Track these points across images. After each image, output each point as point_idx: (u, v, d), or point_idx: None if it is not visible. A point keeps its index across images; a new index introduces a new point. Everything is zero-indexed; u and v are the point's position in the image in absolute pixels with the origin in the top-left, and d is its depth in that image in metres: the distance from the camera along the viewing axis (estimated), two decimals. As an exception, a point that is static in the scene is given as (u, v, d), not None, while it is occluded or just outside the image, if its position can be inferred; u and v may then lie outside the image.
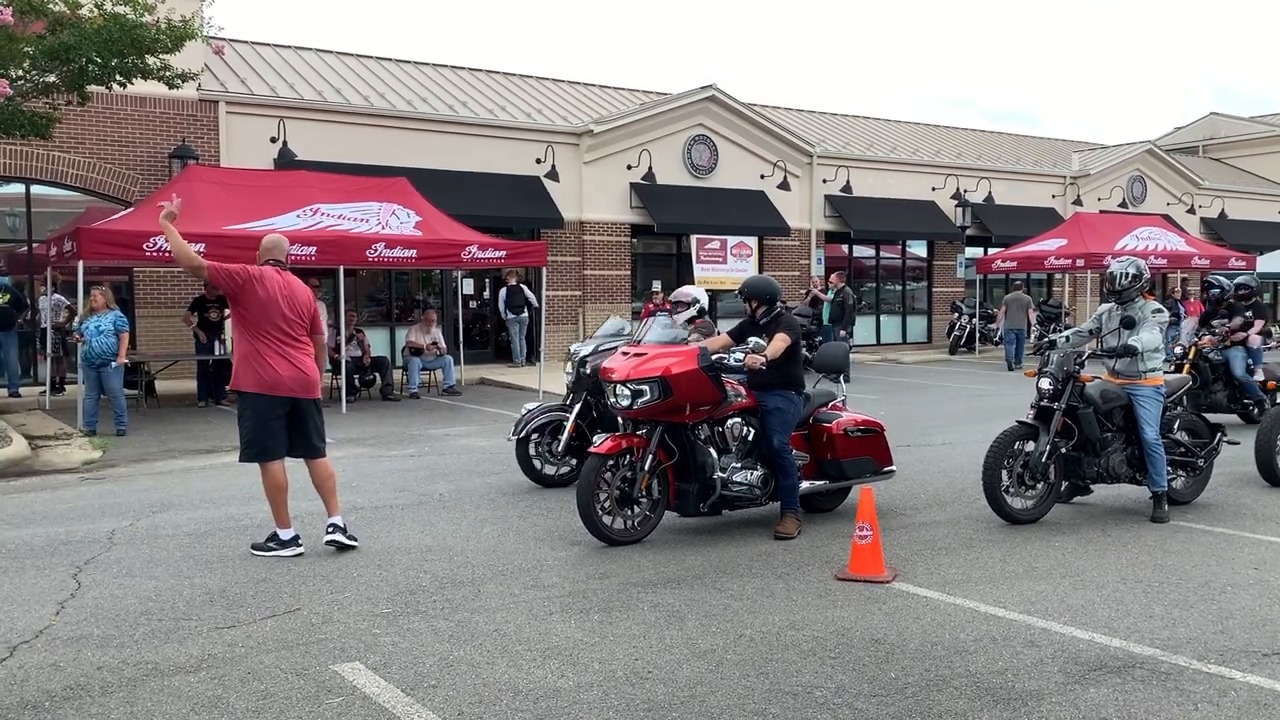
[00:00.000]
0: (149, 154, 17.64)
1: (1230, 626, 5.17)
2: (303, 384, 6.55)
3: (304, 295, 6.72)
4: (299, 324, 6.62)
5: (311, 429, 6.67)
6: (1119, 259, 7.98)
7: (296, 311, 6.59)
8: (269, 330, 6.46)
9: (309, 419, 6.65)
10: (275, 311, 6.47)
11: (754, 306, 7.28)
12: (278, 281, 6.56)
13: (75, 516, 7.87)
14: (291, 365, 6.50)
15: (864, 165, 26.34)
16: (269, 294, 6.46)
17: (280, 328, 6.49)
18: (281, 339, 6.49)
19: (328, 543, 6.62)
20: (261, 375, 6.44)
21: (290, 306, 6.56)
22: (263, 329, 6.46)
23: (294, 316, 6.58)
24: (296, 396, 6.54)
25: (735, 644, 4.93)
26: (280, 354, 6.47)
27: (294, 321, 6.58)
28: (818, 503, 7.76)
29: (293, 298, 6.59)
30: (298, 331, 6.60)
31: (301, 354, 6.59)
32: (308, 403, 6.62)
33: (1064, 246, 23.56)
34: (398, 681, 4.46)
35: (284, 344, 6.50)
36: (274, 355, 6.46)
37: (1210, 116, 39.60)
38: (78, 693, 4.36)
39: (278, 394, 6.48)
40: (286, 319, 6.52)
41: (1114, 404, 7.60)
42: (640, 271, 23.30)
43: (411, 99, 21.05)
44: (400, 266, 15.97)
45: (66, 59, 12.34)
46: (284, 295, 6.54)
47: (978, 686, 4.40)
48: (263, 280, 6.48)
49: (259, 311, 6.45)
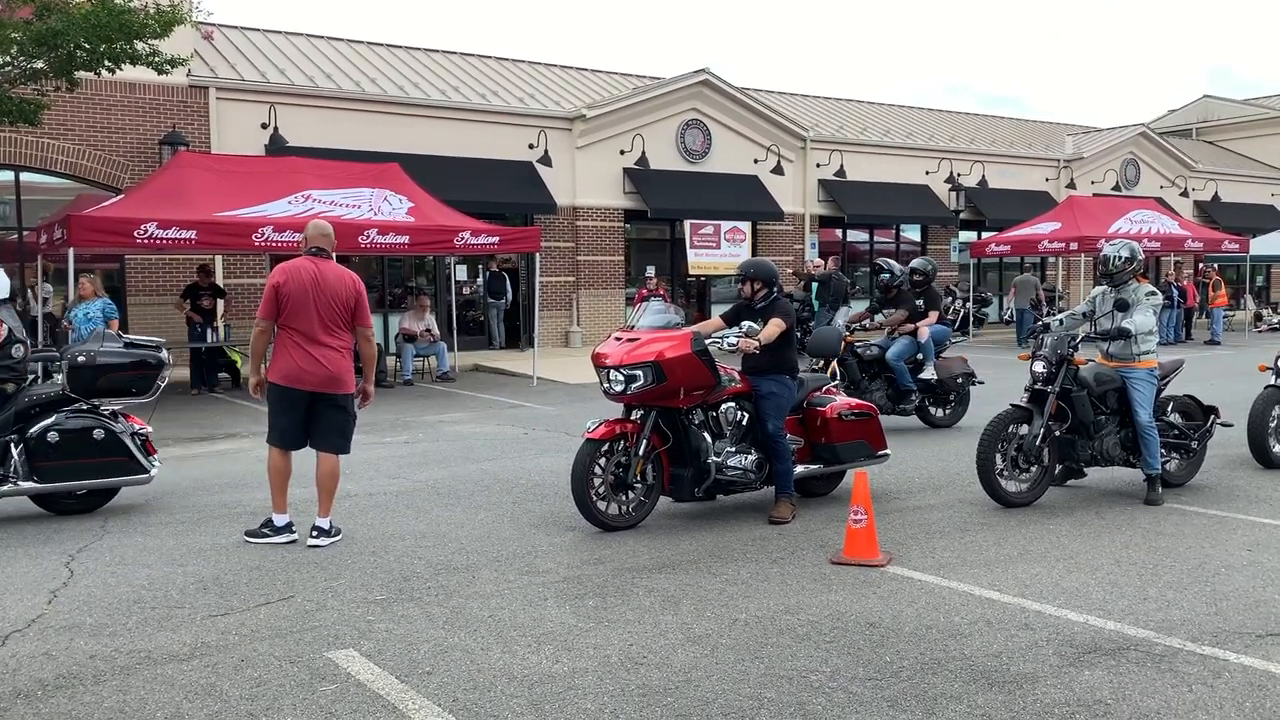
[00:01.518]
0: (139, 141, 17.54)
1: (1224, 608, 5.17)
2: (321, 380, 6.43)
3: (340, 286, 6.53)
4: (331, 317, 6.48)
5: (329, 426, 6.55)
6: (1112, 242, 7.96)
7: (328, 305, 6.46)
8: (293, 325, 6.41)
9: (325, 415, 6.53)
10: (300, 308, 6.39)
11: (754, 288, 7.24)
12: (308, 275, 6.44)
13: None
14: (312, 360, 6.40)
15: (858, 149, 26.30)
16: (293, 293, 6.38)
17: (306, 323, 6.41)
18: (305, 334, 6.41)
19: (310, 547, 6.42)
20: (282, 367, 6.44)
21: (320, 301, 6.43)
22: (289, 324, 6.42)
23: (324, 311, 6.45)
24: (314, 391, 6.45)
25: (730, 628, 4.92)
26: (301, 348, 6.40)
27: (324, 316, 6.45)
28: (812, 487, 7.76)
29: (325, 290, 6.45)
30: (329, 325, 6.46)
31: (325, 349, 6.44)
32: (326, 399, 6.49)
33: (1057, 230, 23.56)
34: (392, 668, 4.45)
35: (307, 338, 6.41)
36: (295, 349, 6.40)
37: (1203, 99, 39.59)
38: (70, 681, 4.34)
39: (295, 387, 6.42)
40: (314, 314, 6.42)
41: (1108, 387, 7.60)
42: (634, 257, 23.27)
43: (403, 84, 20.94)
44: (393, 253, 15.90)
45: (54, 45, 12.25)
46: (313, 290, 6.42)
47: (972, 669, 4.40)
48: (286, 282, 6.39)
49: (286, 310, 6.41)
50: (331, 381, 6.47)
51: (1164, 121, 39.04)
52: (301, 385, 6.42)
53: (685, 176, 23.12)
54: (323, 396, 6.49)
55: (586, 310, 22.32)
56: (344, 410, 6.60)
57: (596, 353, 6.92)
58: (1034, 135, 32.74)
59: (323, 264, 6.55)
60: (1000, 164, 28.92)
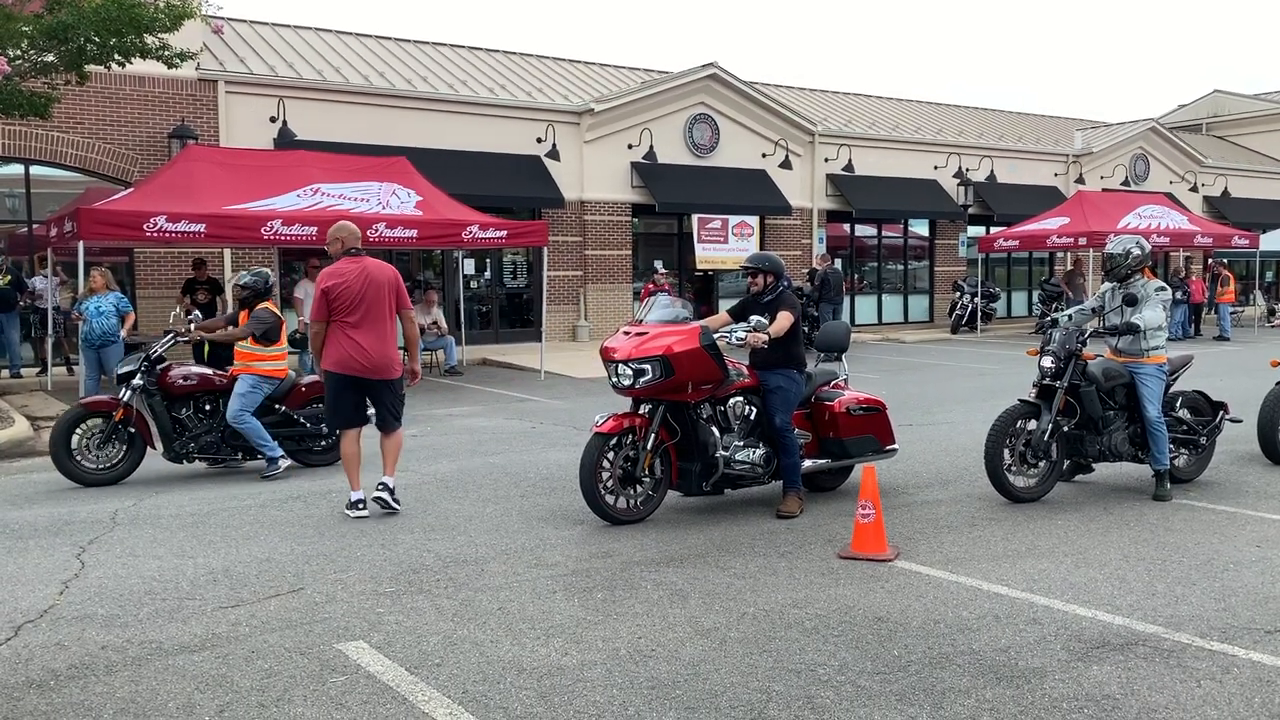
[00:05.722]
0: (148, 134, 17.57)
1: (1233, 604, 5.17)
2: (373, 366, 7.07)
3: (381, 277, 7.13)
4: (377, 308, 7.05)
5: (386, 408, 7.25)
6: (1118, 237, 7.93)
7: (376, 297, 7.05)
8: (343, 318, 7.00)
9: (382, 397, 7.21)
10: (350, 305, 6.99)
11: (763, 280, 7.23)
12: (354, 274, 7.03)
13: (78, 496, 7.88)
14: (360, 348, 7.01)
15: (866, 144, 26.24)
16: (341, 294, 6.98)
17: (355, 316, 6.99)
18: (354, 326, 7.00)
19: (374, 499, 7.14)
20: (335, 355, 7.03)
21: (369, 295, 7.02)
22: (339, 318, 7.01)
23: (373, 304, 7.03)
24: (366, 377, 7.07)
25: (738, 622, 4.93)
26: (351, 339, 7.00)
27: (372, 308, 7.03)
28: (820, 481, 7.77)
29: (372, 285, 7.05)
30: (375, 316, 7.05)
31: (373, 337, 7.04)
32: (379, 383, 7.14)
33: (1066, 225, 23.50)
34: (401, 660, 4.47)
35: (356, 329, 7.00)
36: (346, 340, 7.00)
37: (1213, 94, 39.39)
38: (82, 672, 4.37)
39: (346, 373, 7.03)
40: (363, 308, 7.00)
41: (1116, 382, 7.58)
42: (641, 251, 23.25)
43: (411, 78, 20.95)
44: (401, 246, 15.91)
45: (65, 38, 12.27)
46: (361, 287, 7.00)
47: (980, 664, 4.40)
48: (334, 286, 6.99)
49: (336, 309, 7.01)
50: (382, 368, 7.11)
51: (1174, 116, 38.84)
52: (352, 370, 7.03)
53: (693, 171, 23.09)
54: (377, 383, 7.13)
55: (594, 304, 22.32)
56: (395, 392, 7.32)
57: (605, 347, 6.92)
58: (1043, 130, 32.62)
59: (363, 261, 7.16)
60: (1009, 159, 28.83)
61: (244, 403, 8.58)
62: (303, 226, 13.34)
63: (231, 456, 8.84)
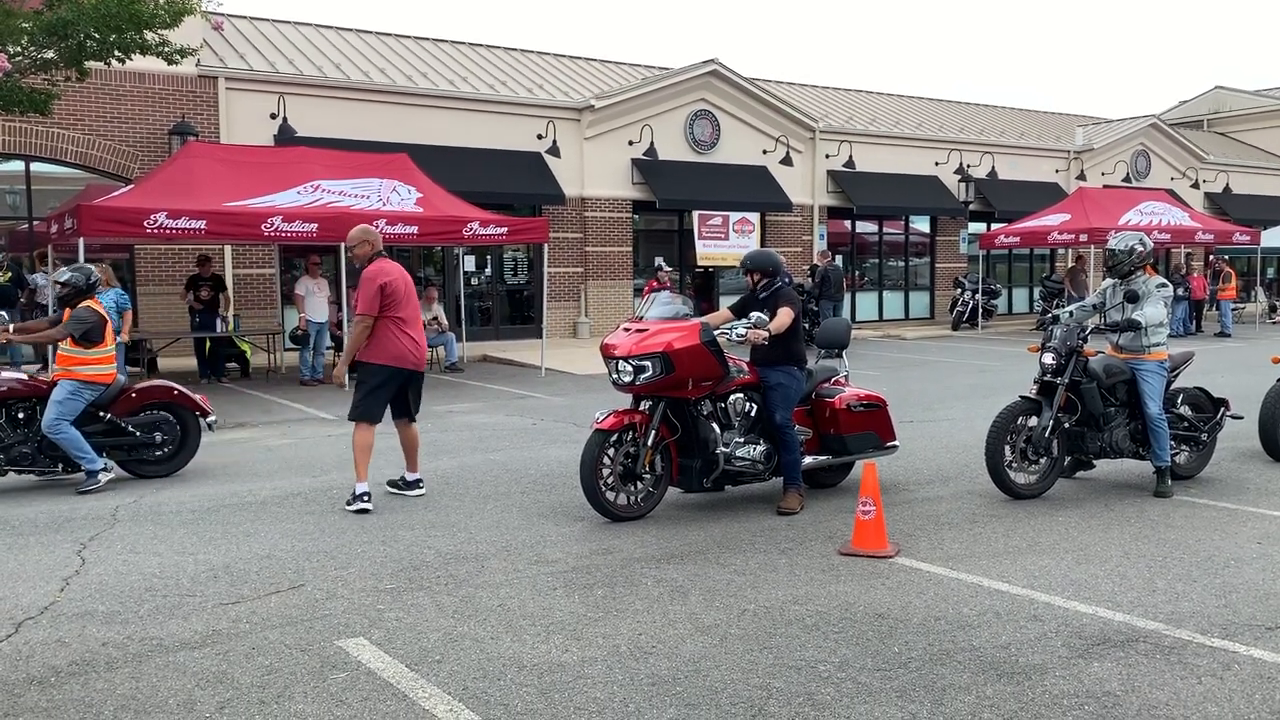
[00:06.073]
0: (148, 131, 17.56)
1: (1234, 600, 5.17)
2: (422, 359, 7.46)
3: (409, 277, 7.53)
4: (415, 304, 7.44)
5: (417, 397, 7.56)
6: (1121, 233, 7.93)
7: (408, 292, 7.37)
8: (396, 314, 7.23)
9: (417, 389, 7.53)
10: (401, 300, 7.27)
11: (755, 279, 7.26)
12: (398, 271, 7.35)
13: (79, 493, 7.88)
14: (414, 342, 7.33)
15: (867, 140, 26.22)
16: (397, 289, 7.23)
17: (406, 310, 7.28)
18: (407, 320, 7.29)
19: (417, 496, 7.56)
20: (392, 350, 7.23)
21: (409, 291, 7.37)
22: (390, 314, 7.21)
23: (414, 299, 7.44)
24: (414, 370, 7.37)
25: (739, 619, 4.93)
26: (406, 334, 7.28)
27: (414, 304, 7.41)
28: (821, 478, 7.76)
29: (409, 281, 7.43)
30: (417, 310, 7.46)
31: (418, 331, 7.43)
32: (420, 375, 7.51)
33: (1067, 221, 23.48)
34: (402, 656, 4.47)
35: (407, 324, 7.30)
36: (402, 335, 7.26)
37: (1215, 90, 39.33)
38: (83, 668, 4.37)
39: (403, 367, 7.27)
40: (409, 302, 7.33)
41: (1117, 379, 7.58)
42: (642, 248, 23.24)
43: (412, 74, 20.94)
44: (401, 243, 15.89)
45: (64, 35, 12.27)
46: (403, 282, 7.32)
47: (981, 660, 4.40)
48: (391, 281, 7.21)
49: (390, 303, 7.20)
50: (423, 359, 7.51)
51: (1175, 112, 38.80)
52: (408, 364, 7.31)
53: (694, 167, 23.08)
54: (418, 374, 7.45)
55: (595, 301, 22.32)
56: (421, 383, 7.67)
57: (605, 343, 6.92)
58: (1044, 126, 32.60)
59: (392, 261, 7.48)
60: (1010, 155, 28.80)
61: (61, 410, 7.88)
62: (303, 223, 13.33)
63: (50, 468, 8.12)
